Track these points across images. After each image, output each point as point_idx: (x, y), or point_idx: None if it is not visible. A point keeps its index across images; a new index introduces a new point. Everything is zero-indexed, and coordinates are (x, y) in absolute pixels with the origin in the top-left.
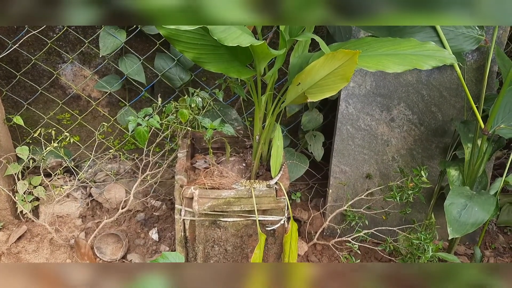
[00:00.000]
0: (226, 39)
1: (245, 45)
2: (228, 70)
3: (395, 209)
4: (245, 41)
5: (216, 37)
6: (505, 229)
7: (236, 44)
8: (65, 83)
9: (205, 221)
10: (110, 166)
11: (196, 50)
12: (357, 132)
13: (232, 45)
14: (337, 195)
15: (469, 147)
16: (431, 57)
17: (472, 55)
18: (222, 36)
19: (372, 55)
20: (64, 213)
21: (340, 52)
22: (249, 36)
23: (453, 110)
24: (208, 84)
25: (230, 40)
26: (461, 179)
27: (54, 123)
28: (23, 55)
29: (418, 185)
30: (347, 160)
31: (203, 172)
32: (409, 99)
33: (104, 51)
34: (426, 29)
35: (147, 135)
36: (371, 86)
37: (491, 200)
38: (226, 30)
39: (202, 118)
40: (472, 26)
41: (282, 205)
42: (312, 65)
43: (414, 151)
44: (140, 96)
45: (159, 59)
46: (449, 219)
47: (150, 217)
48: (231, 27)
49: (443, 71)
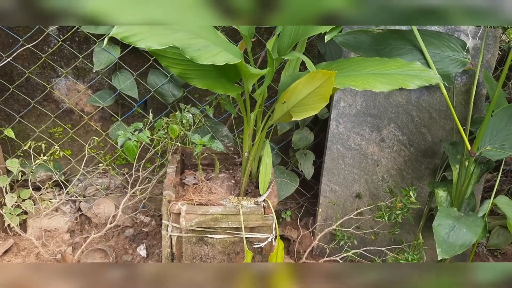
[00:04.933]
0: (200, 58)
1: (220, 63)
2: (215, 86)
3: (384, 229)
4: (221, 59)
5: (188, 56)
6: (495, 252)
7: (210, 62)
8: (58, 97)
9: (192, 238)
10: (100, 181)
11: (182, 66)
12: (347, 151)
13: (206, 64)
14: (327, 214)
15: (457, 168)
16: (417, 76)
17: (461, 78)
18: (195, 54)
19: (359, 74)
20: (52, 227)
21: (319, 72)
22: (227, 54)
23: (443, 132)
24: (200, 100)
25: (205, 59)
26: (449, 200)
27: (46, 136)
28: (17, 68)
29: (407, 205)
30: (337, 179)
31: (192, 188)
32: (399, 119)
33: (98, 66)
34: (413, 52)
35: (136, 150)
36: (361, 106)
37: (478, 221)
38: (202, 49)
39: (192, 134)
40: (457, 49)
41: (269, 222)
42: (296, 84)
43: (404, 172)
44: (132, 111)
45: (152, 75)
46: (437, 240)
47: (139, 233)
48: (209, 45)
49: (432, 93)
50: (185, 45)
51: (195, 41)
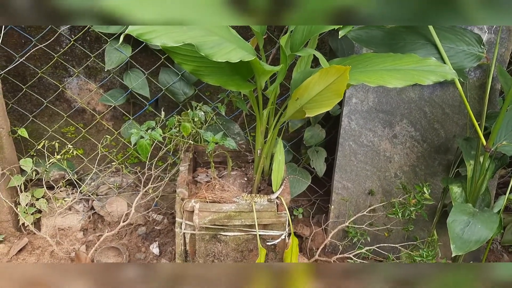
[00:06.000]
0: (215, 55)
1: (234, 60)
2: (227, 83)
3: (398, 226)
4: (235, 56)
5: (203, 53)
6: (510, 248)
7: (225, 60)
8: (70, 96)
9: (206, 235)
10: (112, 180)
11: (195, 63)
12: (359, 148)
13: (221, 61)
14: (339, 211)
15: (472, 164)
16: (432, 72)
17: (474, 73)
18: (210, 52)
19: (373, 70)
20: (66, 225)
21: (333, 68)
22: (241, 51)
23: (456, 127)
24: (211, 98)
25: (219, 56)
26: (464, 196)
27: (59, 136)
28: (29, 68)
29: (421, 201)
30: (349, 176)
31: (205, 186)
32: (412, 115)
33: (109, 65)
34: (427, 46)
35: (149, 148)
36: (373, 102)
37: (494, 217)
38: (216, 46)
39: (204, 132)
40: (472, 43)
41: (283, 219)
42: (309, 81)
43: (417, 168)
44: (144, 110)
45: (164, 73)
46: (452, 236)
47: (151, 231)
48: (223, 42)
49: (445, 88)
50: (200, 42)
51: (209, 38)
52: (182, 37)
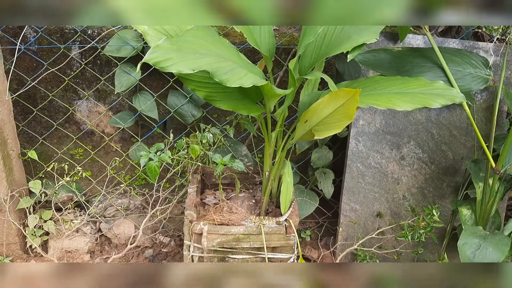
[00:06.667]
0: (229, 81)
1: (247, 85)
2: (238, 107)
3: (407, 249)
4: (248, 81)
5: (217, 79)
6: None
7: (238, 85)
8: (80, 119)
9: (214, 258)
10: (120, 201)
11: (208, 89)
12: (367, 170)
13: (234, 86)
14: (347, 234)
15: (481, 186)
16: (440, 95)
17: (481, 95)
18: (224, 78)
19: (381, 93)
20: (73, 248)
21: (342, 91)
22: (253, 75)
23: (464, 149)
24: (219, 120)
25: (233, 81)
26: (474, 219)
27: (68, 158)
28: (40, 91)
29: (430, 224)
30: (357, 198)
31: (213, 208)
32: (419, 137)
33: (119, 88)
34: (434, 69)
35: (158, 170)
36: (380, 124)
37: (506, 240)
38: (229, 72)
39: (213, 154)
40: (479, 66)
41: (291, 242)
42: (318, 103)
43: (425, 190)
44: (152, 132)
45: (172, 96)
46: (463, 259)
47: (158, 254)
48: (236, 68)
49: (452, 110)
50: (214, 68)
51: (222, 64)
52: (197, 64)
